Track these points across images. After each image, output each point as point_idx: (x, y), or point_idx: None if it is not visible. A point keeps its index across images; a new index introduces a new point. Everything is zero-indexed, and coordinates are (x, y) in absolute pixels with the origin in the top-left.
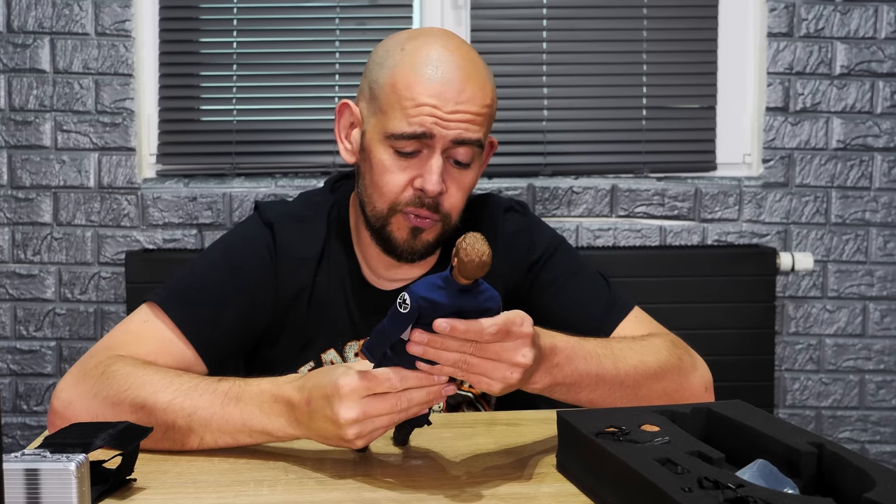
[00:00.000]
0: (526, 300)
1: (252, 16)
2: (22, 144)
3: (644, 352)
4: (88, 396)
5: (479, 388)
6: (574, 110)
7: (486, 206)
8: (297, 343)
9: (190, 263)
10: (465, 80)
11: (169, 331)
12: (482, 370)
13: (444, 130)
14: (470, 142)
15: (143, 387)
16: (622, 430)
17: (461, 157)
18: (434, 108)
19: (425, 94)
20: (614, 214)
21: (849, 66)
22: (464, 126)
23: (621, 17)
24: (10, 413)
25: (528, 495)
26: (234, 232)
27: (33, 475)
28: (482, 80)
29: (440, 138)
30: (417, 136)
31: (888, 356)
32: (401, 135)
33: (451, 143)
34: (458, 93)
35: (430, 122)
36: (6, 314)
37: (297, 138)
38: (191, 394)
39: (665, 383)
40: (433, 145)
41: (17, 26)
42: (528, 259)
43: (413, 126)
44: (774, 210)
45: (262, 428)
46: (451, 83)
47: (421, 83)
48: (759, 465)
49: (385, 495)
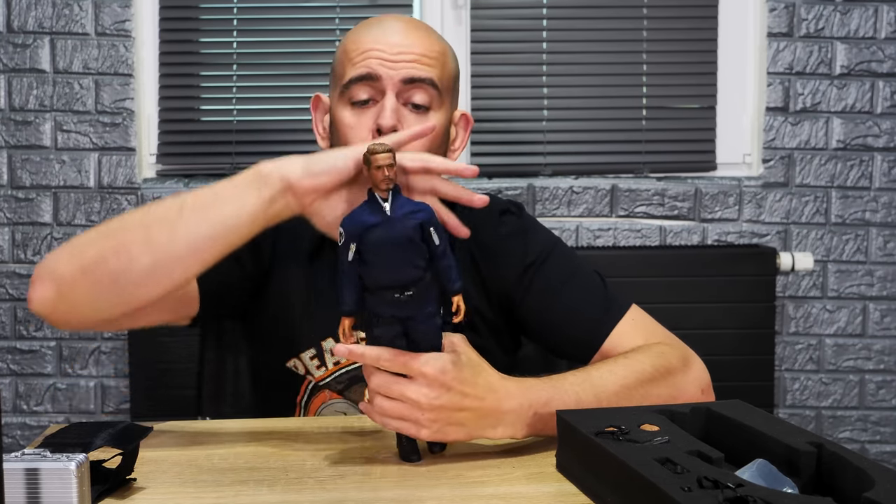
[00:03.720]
0: (522, 304)
1: (252, 16)
2: (22, 144)
3: (626, 372)
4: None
5: (405, 433)
6: (574, 110)
7: (483, 208)
8: (295, 331)
9: None
10: (408, 29)
11: None
12: (389, 411)
13: (390, 71)
14: (421, 80)
15: (111, 221)
16: (622, 430)
17: (417, 98)
18: (379, 51)
19: (369, 41)
20: (614, 214)
21: (849, 66)
22: (411, 65)
23: (621, 17)
24: (10, 413)
25: (528, 495)
26: None
27: (33, 475)
28: (429, 33)
29: (388, 79)
30: (364, 78)
31: (888, 356)
32: (349, 80)
33: (401, 84)
34: (402, 37)
35: (376, 63)
36: (6, 314)
37: (297, 138)
38: (152, 205)
39: (653, 398)
40: (383, 88)
41: (17, 26)
42: (523, 262)
43: (359, 69)
44: (774, 210)
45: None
46: (395, 30)
47: (366, 35)
48: (758, 464)
49: (385, 495)
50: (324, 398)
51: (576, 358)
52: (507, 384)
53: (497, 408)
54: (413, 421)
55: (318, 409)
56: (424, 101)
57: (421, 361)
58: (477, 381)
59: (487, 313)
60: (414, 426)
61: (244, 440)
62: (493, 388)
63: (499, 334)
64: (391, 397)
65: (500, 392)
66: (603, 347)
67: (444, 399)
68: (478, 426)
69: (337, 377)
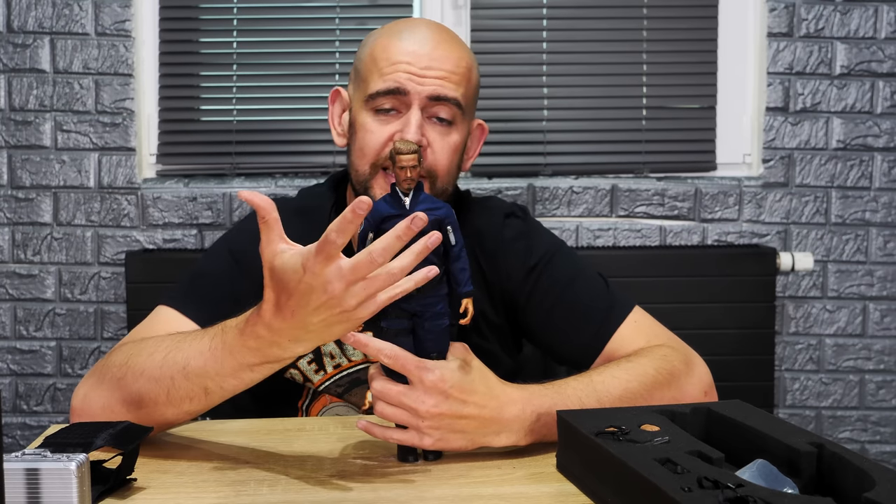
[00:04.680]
0: (526, 305)
1: (252, 16)
2: (22, 144)
3: (629, 377)
4: (98, 384)
5: (408, 444)
6: (574, 110)
7: (488, 211)
8: None
9: (195, 263)
10: (439, 42)
11: (176, 317)
12: (390, 416)
13: (418, 86)
14: (447, 98)
15: (139, 354)
16: (622, 430)
17: (442, 114)
18: (408, 65)
19: (399, 53)
20: (614, 214)
21: (849, 66)
22: (438, 83)
23: (621, 17)
24: (10, 413)
25: (528, 495)
26: (236, 227)
27: (34, 475)
28: (457, 46)
29: (415, 94)
30: (393, 92)
31: (888, 356)
32: (376, 92)
33: (428, 101)
34: (432, 50)
35: (405, 77)
36: (6, 314)
37: (297, 138)
38: (181, 346)
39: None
40: (410, 102)
41: (17, 26)
42: (526, 264)
43: (388, 82)
44: (774, 210)
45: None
46: (425, 43)
47: (395, 45)
48: (758, 464)
49: (385, 495)
50: (324, 402)
51: (578, 362)
52: (509, 391)
53: (499, 415)
54: (414, 428)
55: (318, 412)
56: (448, 116)
57: (420, 368)
58: (477, 389)
59: (492, 316)
60: (416, 435)
61: (244, 440)
62: (494, 395)
63: (503, 337)
64: (391, 404)
65: (502, 399)
66: (606, 349)
67: (443, 407)
68: (480, 434)
69: (337, 380)
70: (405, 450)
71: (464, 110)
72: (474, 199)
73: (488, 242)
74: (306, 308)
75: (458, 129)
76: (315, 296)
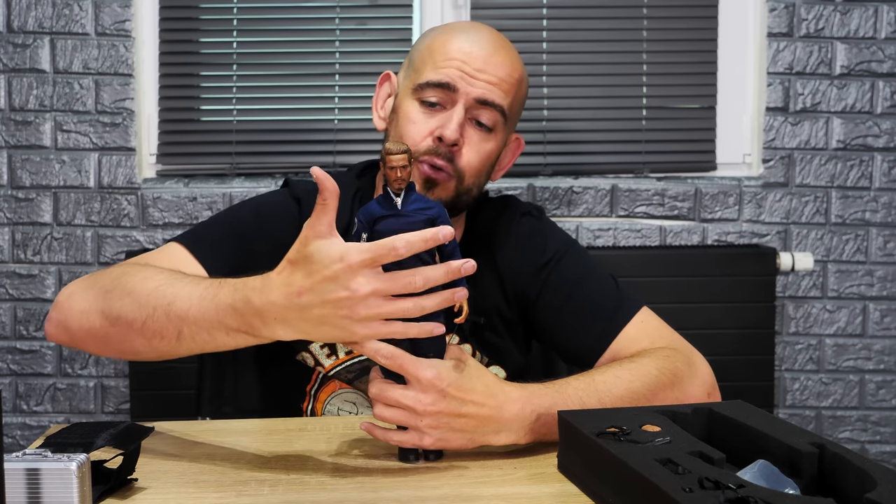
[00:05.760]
0: (536, 302)
1: (252, 16)
2: (22, 144)
3: (631, 377)
4: (87, 288)
5: (409, 444)
6: (574, 110)
7: (506, 209)
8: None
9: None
10: (497, 48)
11: (185, 255)
12: (389, 418)
13: (468, 86)
14: (493, 104)
15: (134, 275)
16: (623, 431)
17: (484, 118)
18: (462, 63)
19: (456, 50)
20: (614, 214)
21: (849, 66)
22: (488, 87)
23: (621, 17)
24: (10, 413)
25: (529, 495)
26: (269, 194)
27: (34, 475)
28: (513, 56)
29: (463, 93)
30: (442, 86)
31: (888, 356)
32: (427, 83)
33: (474, 102)
34: (488, 55)
35: (457, 74)
36: (6, 314)
37: (297, 138)
38: (175, 284)
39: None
40: (456, 99)
41: (17, 26)
42: (538, 261)
43: (440, 75)
44: (774, 210)
45: (237, 326)
46: (483, 46)
47: (455, 41)
48: (760, 465)
49: (385, 495)
50: (333, 388)
51: (585, 360)
52: (508, 390)
53: (498, 414)
54: (413, 429)
55: (326, 398)
56: (490, 121)
57: (417, 366)
58: (475, 387)
59: (506, 312)
60: (416, 436)
61: (245, 440)
62: (493, 393)
63: (515, 334)
64: (390, 405)
65: (501, 397)
66: (610, 348)
67: (440, 405)
68: (480, 432)
69: (348, 366)
70: (406, 450)
71: (506, 119)
72: (492, 199)
73: (504, 240)
74: (318, 296)
75: (497, 138)
76: (334, 288)
